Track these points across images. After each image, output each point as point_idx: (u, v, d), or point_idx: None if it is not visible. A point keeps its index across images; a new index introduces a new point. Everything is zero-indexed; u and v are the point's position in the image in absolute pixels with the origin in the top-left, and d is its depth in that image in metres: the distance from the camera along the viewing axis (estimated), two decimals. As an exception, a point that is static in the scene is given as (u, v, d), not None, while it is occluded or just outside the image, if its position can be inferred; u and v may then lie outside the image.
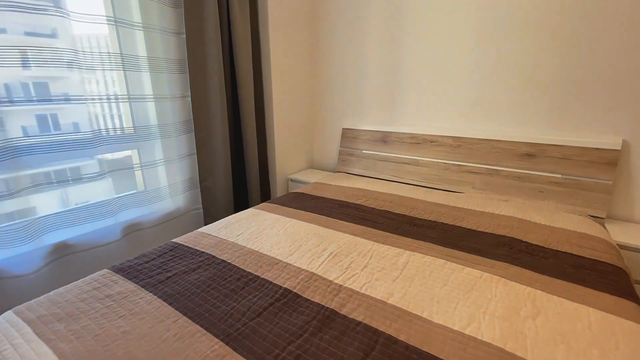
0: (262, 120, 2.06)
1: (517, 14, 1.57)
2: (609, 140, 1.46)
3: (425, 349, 0.71)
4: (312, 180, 2.15)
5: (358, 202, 1.61)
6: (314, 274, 0.99)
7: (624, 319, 0.80)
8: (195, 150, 1.78)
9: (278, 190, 2.22)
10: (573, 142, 1.53)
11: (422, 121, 1.97)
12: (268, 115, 2.08)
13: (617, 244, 1.29)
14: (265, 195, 2.15)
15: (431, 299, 0.88)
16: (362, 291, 0.91)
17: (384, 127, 2.08)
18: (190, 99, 1.70)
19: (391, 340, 0.73)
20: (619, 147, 1.44)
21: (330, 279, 0.97)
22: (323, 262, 1.06)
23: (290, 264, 1.05)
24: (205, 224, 1.89)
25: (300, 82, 2.25)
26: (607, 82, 1.44)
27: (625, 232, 1.38)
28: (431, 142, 1.90)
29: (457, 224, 1.34)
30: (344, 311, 0.83)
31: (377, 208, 1.52)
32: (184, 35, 1.61)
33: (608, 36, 1.40)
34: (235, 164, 2.01)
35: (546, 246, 1.17)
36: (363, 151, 2.16)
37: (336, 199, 1.66)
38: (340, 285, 0.93)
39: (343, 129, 2.25)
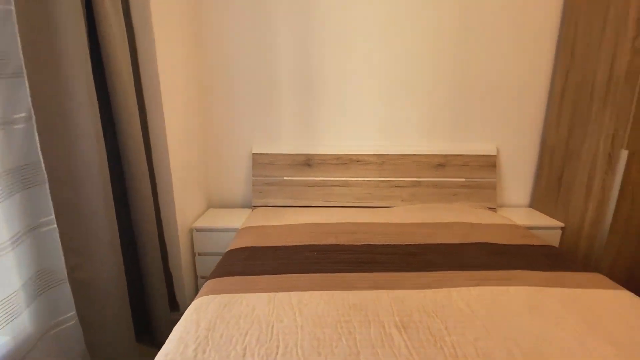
0: (149, 155, 1.41)
1: (420, 42, 1.77)
2: (489, 147, 1.89)
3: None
4: (225, 224, 1.69)
5: (329, 242, 1.36)
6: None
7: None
8: (55, 220, 0.99)
9: (182, 252, 1.60)
10: (468, 151, 1.88)
11: (346, 141, 1.92)
12: (158, 146, 1.45)
13: (527, 227, 1.68)
14: (168, 276, 1.50)
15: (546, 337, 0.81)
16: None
17: (305, 149, 1.88)
18: (35, 122, 0.92)
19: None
20: (495, 152, 1.88)
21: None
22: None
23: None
24: (88, 345, 1.10)
25: (192, 98, 1.71)
26: (485, 102, 1.85)
27: (514, 215, 1.82)
28: (357, 161, 1.88)
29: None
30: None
31: (359, 244, 1.34)
32: (12, 8, 0.85)
33: (480, 67, 1.80)
34: (126, 234, 1.29)
35: (508, 243, 1.36)
36: (284, 178, 1.88)
37: (300, 244, 1.35)
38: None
39: (254, 154, 1.88)
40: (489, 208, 1.86)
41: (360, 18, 1.74)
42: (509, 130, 1.89)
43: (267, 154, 1.88)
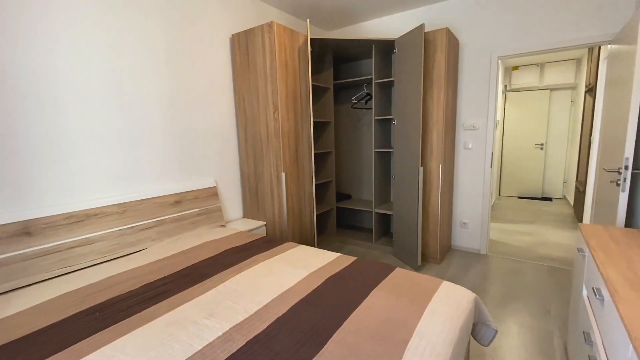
0: None
1: (145, 103, 2.05)
2: (210, 181, 2.50)
3: (309, 295, 1.39)
4: None
5: (104, 298, 1.37)
6: None
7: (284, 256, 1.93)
8: None
9: None
10: (196, 186, 2.39)
11: (79, 196, 1.79)
12: None
13: (248, 230, 2.42)
14: None
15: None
16: None
17: (18, 215, 1.57)
18: None
19: None
20: (214, 184, 2.53)
21: None
22: None
23: None
24: None
25: None
26: (202, 149, 2.43)
27: (238, 225, 2.54)
28: (95, 215, 1.84)
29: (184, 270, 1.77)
30: None
31: (137, 287, 1.46)
32: None
33: (194, 123, 2.36)
34: None
35: (243, 243, 2.02)
36: (-7, 258, 1.47)
37: (72, 314, 1.26)
38: None
39: None
40: (221, 226, 2.48)
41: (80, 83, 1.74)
42: (221, 167, 2.60)
43: (-52, 235, 1.39)
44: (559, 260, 2.95)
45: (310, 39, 2.67)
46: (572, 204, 4.71)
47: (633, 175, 2.01)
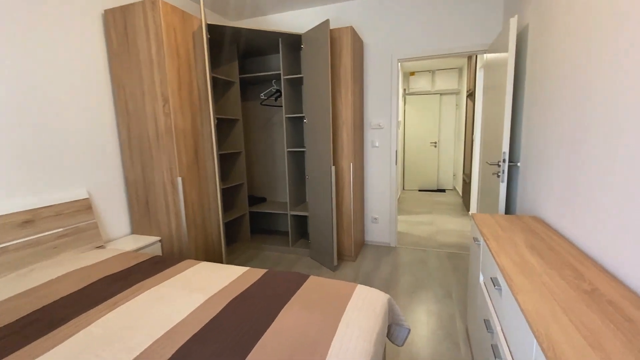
0: None
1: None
2: (80, 192, 1.98)
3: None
4: None
5: None
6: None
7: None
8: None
9: None
10: (58, 200, 1.86)
11: None
12: None
13: (136, 250, 1.99)
14: None
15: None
16: None
17: None
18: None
19: None
20: (87, 196, 2.02)
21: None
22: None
23: None
24: None
25: None
26: (69, 154, 1.90)
27: (123, 244, 2.08)
28: None
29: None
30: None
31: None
32: None
33: (57, 122, 1.83)
34: None
35: (123, 268, 1.63)
36: None
37: None
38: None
39: None
40: (98, 247, 1.99)
41: None
42: (96, 174, 2.09)
43: None
44: (455, 246, 3.27)
45: (209, 25, 2.36)
46: (461, 194, 5.40)
47: (510, 168, 2.31)
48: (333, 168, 2.56)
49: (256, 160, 3.61)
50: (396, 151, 3.12)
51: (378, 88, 3.08)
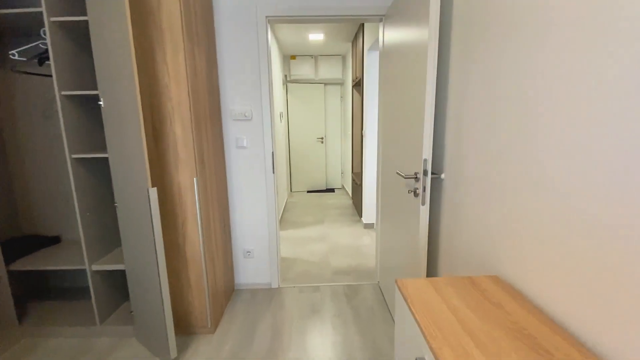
0: None
1: None
2: None
3: None
4: None
5: None
6: None
7: None
8: None
9: None
10: None
11: None
12: None
13: None
14: None
15: None
16: None
17: None
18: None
19: None
20: None
21: None
22: None
23: None
24: None
25: None
26: None
27: None
28: None
29: None
30: None
31: None
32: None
33: None
34: None
35: None
36: None
37: None
38: None
39: None
40: None
41: None
42: None
43: None
44: (353, 272, 2.57)
45: None
46: (351, 194, 4.92)
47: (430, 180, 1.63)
48: (153, 190, 1.41)
49: (33, 171, 2.09)
50: (272, 153, 2.17)
51: (239, 59, 2.05)
